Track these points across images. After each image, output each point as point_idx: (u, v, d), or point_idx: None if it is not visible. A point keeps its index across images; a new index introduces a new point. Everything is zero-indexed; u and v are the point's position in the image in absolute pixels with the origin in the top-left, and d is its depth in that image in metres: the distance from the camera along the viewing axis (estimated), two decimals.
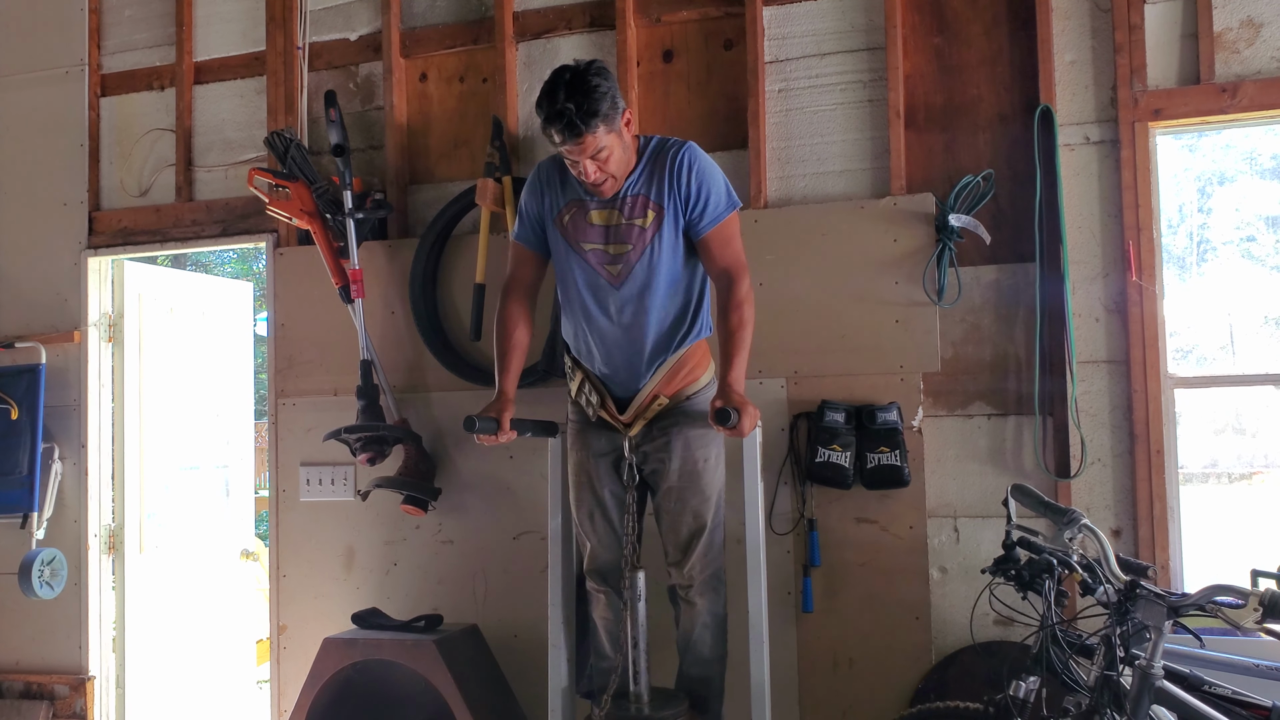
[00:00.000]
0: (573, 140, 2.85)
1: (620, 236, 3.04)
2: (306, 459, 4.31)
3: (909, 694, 3.55)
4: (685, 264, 3.10)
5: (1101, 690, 2.53)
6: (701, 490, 3.12)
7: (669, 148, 3.06)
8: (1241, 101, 3.41)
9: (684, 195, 3.02)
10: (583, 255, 3.09)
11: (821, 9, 3.83)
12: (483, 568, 4.06)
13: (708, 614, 3.16)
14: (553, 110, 2.84)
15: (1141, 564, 2.73)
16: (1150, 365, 3.44)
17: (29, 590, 4.38)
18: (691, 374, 3.15)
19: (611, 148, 2.91)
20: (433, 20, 4.30)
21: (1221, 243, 4.83)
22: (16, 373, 4.63)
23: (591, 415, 3.18)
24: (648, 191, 3.04)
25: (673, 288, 3.08)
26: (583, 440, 3.22)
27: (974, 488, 3.60)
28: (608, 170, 2.95)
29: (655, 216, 3.03)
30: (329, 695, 3.69)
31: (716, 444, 3.17)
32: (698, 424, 3.10)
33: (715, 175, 3.08)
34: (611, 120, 2.87)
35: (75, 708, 4.55)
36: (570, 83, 2.84)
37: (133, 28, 4.74)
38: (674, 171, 3.02)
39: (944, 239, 3.58)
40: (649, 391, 3.10)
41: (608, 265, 3.07)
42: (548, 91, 2.87)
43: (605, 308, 3.09)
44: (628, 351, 3.09)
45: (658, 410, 3.10)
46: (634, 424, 3.12)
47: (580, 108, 2.80)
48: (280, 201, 4.08)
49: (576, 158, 2.91)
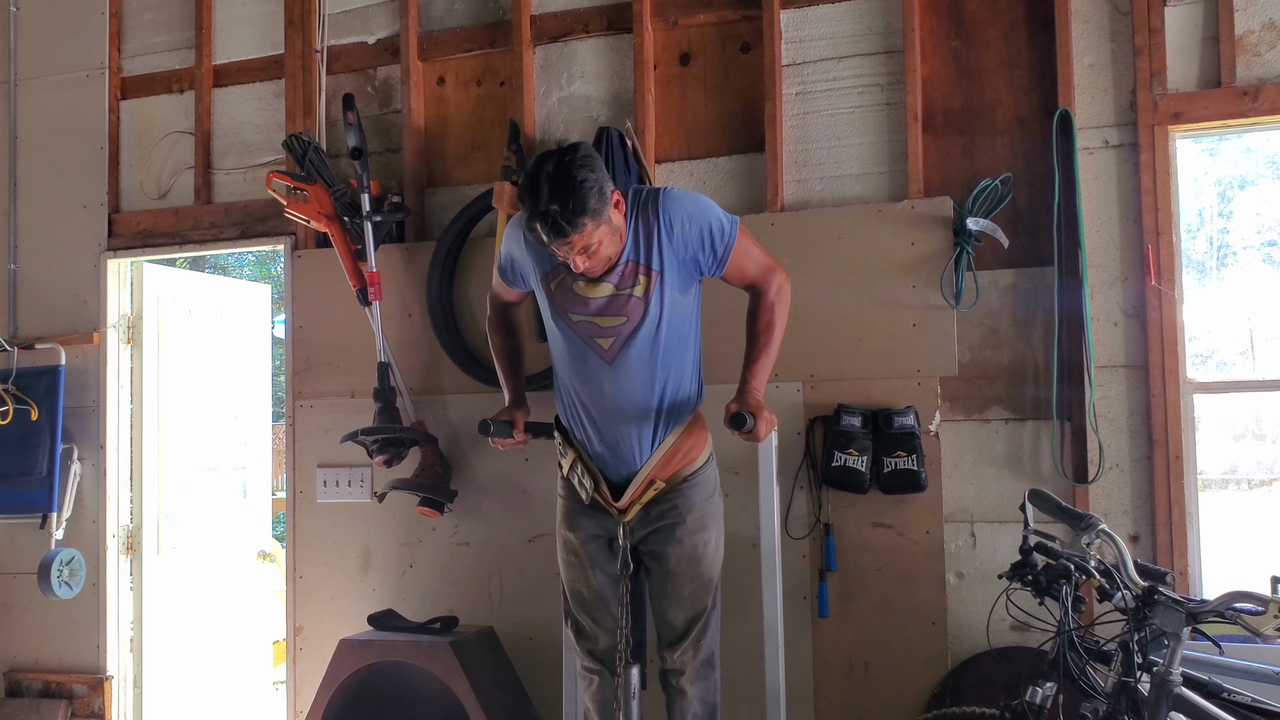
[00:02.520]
0: (559, 240, 2.65)
1: (613, 309, 2.84)
2: (324, 461, 4.33)
3: (925, 700, 3.54)
4: (683, 325, 2.93)
5: (1119, 697, 2.52)
6: (700, 575, 2.97)
7: (646, 203, 2.83)
8: (1263, 105, 3.39)
9: (688, 248, 2.83)
10: (571, 326, 2.89)
11: (839, 12, 3.83)
12: (498, 570, 4.06)
13: (698, 703, 3.01)
14: (535, 210, 2.63)
15: (1160, 570, 2.71)
16: (1169, 370, 3.41)
17: (48, 590, 4.41)
18: (688, 455, 2.97)
19: (601, 239, 2.70)
20: (450, 24, 4.31)
21: (1242, 247, 4.81)
22: (36, 374, 4.66)
23: (585, 499, 3.00)
24: (637, 257, 2.82)
25: (669, 356, 2.90)
26: (575, 522, 3.04)
27: (991, 493, 3.58)
28: (598, 259, 2.74)
29: (648, 282, 2.82)
30: (345, 696, 3.70)
31: (716, 523, 3.03)
32: (696, 507, 2.96)
33: (705, 208, 2.87)
34: (600, 214, 2.65)
35: (93, 707, 4.57)
36: (554, 177, 2.61)
37: (152, 31, 4.77)
38: (662, 227, 2.81)
39: (962, 243, 3.57)
40: (645, 476, 2.92)
41: (599, 338, 2.87)
42: (529, 186, 2.65)
43: (599, 385, 2.90)
44: (622, 430, 2.91)
45: (654, 494, 2.94)
46: (629, 509, 2.94)
47: (565, 208, 2.59)
48: (298, 204, 4.09)
49: (564, 255, 2.71)
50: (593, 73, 4.11)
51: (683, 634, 2.98)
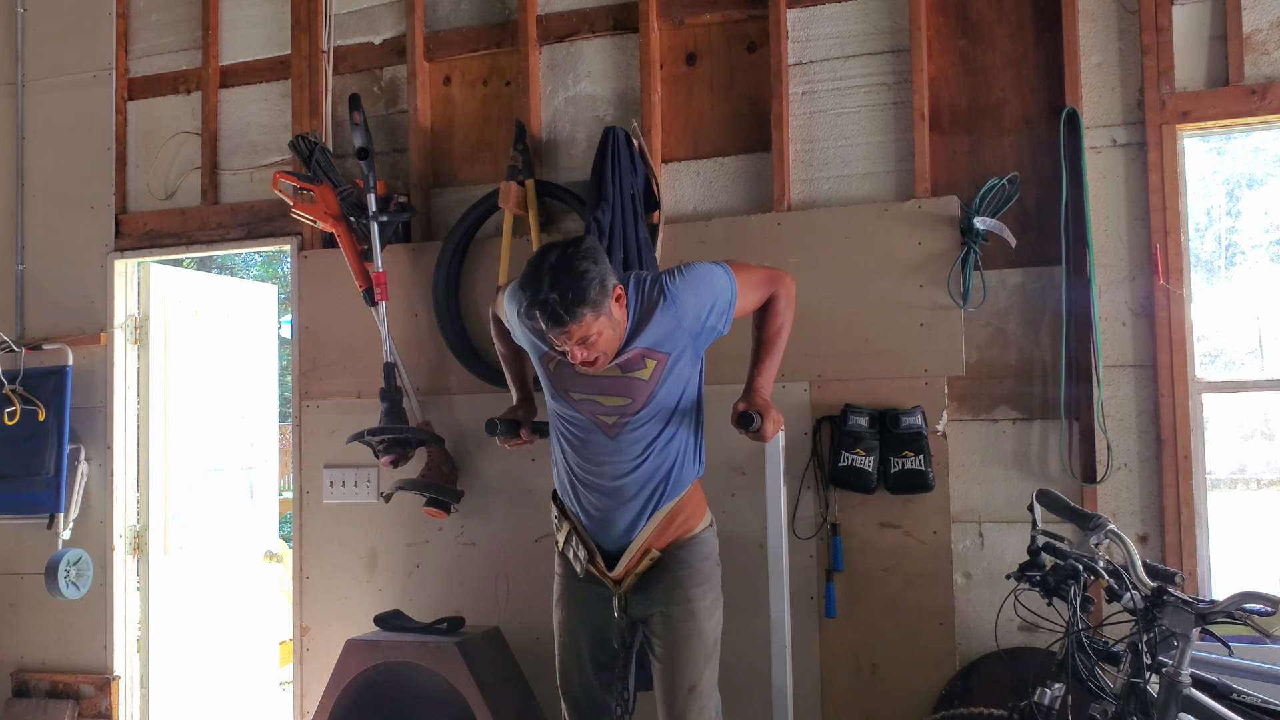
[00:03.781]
0: (557, 329, 2.63)
1: (617, 389, 2.82)
2: (330, 461, 4.33)
3: (932, 700, 3.53)
4: (689, 397, 2.90)
5: (1128, 698, 2.51)
6: (701, 637, 2.89)
7: (649, 291, 2.80)
8: (1271, 103, 3.38)
9: (695, 323, 2.80)
10: (573, 405, 2.87)
11: (845, 11, 3.82)
12: (505, 570, 4.06)
13: None
14: (535, 298, 2.62)
15: (1169, 570, 2.71)
16: (1177, 370, 3.40)
17: (55, 590, 4.41)
18: (686, 523, 2.93)
19: (601, 330, 2.67)
20: (456, 24, 4.31)
21: (1250, 246, 4.80)
22: (44, 374, 4.67)
23: (580, 571, 2.96)
24: (643, 344, 2.79)
25: (675, 430, 2.88)
26: (572, 597, 3.02)
27: (999, 493, 3.57)
28: (596, 350, 2.70)
29: (657, 364, 2.81)
30: (351, 697, 3.71)
31: (713, 586, 2.95)
32: (693, 566, 2.90)
33: (709, 282, 2.83)
34: (600, 305, 2.63)
35: (100, 707, 4.58)
36: (556, 266, 2.62)
37: (159, 32, 4.78)
38: (669, 313, 2.78)
39: (969, 242, 3.56)
40: (640, 546, 2.88)
41: (602, 416, 2.83)
42: (531, 277, 2.65)
43: (598, 459, 2.87)
44: (617, 502, 2.88)
45: (649, 564, 2.89)
46: (625, 579, 2.91)
47: (565, 298, 2.58)
48: (305, 204, 4.09)
49: (562, 345, 2.68)
50: (599, 72, 4.11)
51: (684, 708, 2.87)
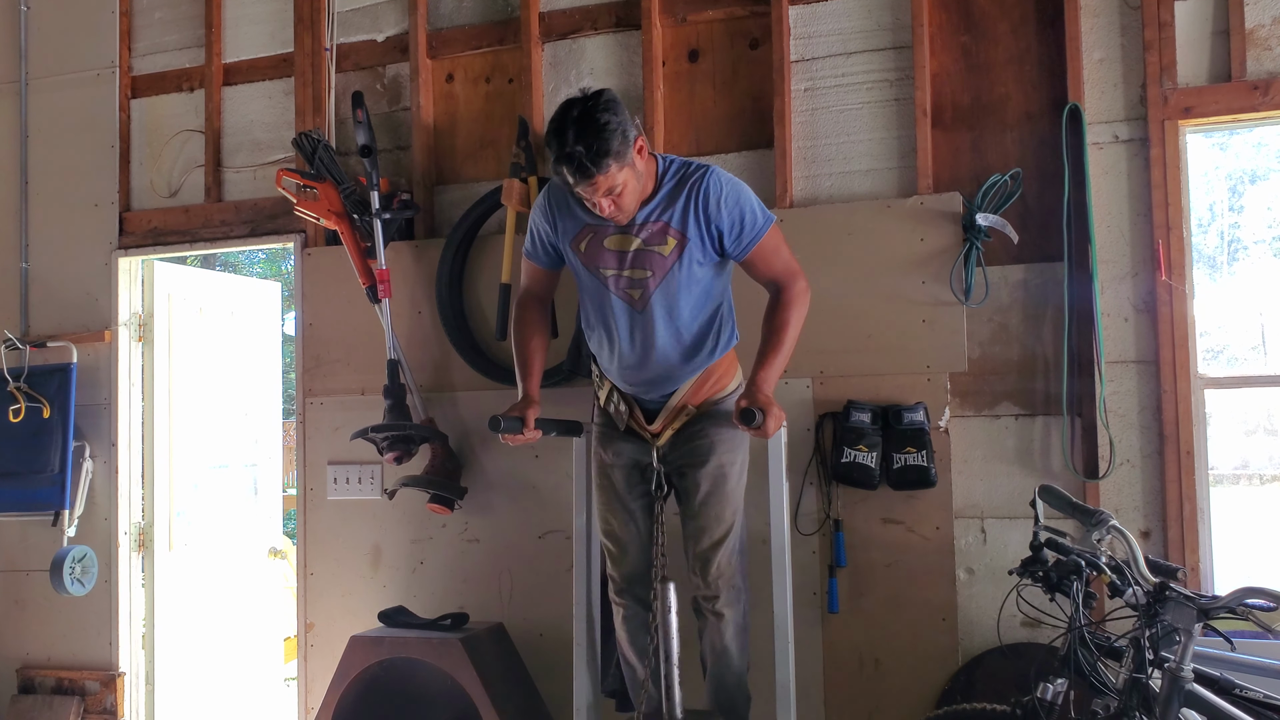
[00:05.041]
0: (585, 181, 2.78)
1: (639, 262, 3.00)
2: (334, 458, 4.34)
3: (935, 695, 3.53)
4: (711, 285, 3.07)
5: (1130, 693, 2.52)
6: (727, 495, 3.11)
7: (691, 176, 2.97)
8: (1274, 99, 3.37)
9: (717, 227, 2.96)
10: (602, 280, 3.06)
11: (848, 8, 3.82)
12: (508, 566, 4.07)
13: (733, 624, 3.15)
14: (562, 152, 2.75)
15: (1171, 566, 2.71)
16: (1180, 365, 3.40)
17: (60, 587, 4.43)
18: (719, 383, 3.14)
19: (626, 181, 2.83)
20: (459, 21, 4.31)
21: (1253, 241, 4.80)
22: (48, 372, 4.68)
23: (621, 425, 3.18)
24: (667, 218, 2.96)
25: (697, 309, 3.05)
26: (610, 447, 3.20)
27: (1001, 489, 3.57)
28: (622, 203, 2.87)
29: (677, 244, 2.97)
30: (356, 693, 3.71)
31: (743, 449, 3.15)
32: (725, 429, 3.08)
33: (744, 197, 2.99)
34: (624, 155, 2.78)
35: (105, 704, 4.59)
36: (579, 120, 2.75)
37: (163, 30, 4.78)
38: (699, 202, 2.95)
39: (971, 238, 3.56)
40: (677, 402, 3.10)
41: (629, 289, 3.03)
42: (556, 130, 2.78)
43: (630, 330, 3.06)
44: (653, 369, 3.08)
45: (685, 419, 3.11)
46: (662, 433, 3.12)
47: (590, 149, 2.72)
48: (308, 202, 4.10)
49: (590, 196, 2.84)
50: (601, 69, 4.11)
51: (714, 555, 3.10)
